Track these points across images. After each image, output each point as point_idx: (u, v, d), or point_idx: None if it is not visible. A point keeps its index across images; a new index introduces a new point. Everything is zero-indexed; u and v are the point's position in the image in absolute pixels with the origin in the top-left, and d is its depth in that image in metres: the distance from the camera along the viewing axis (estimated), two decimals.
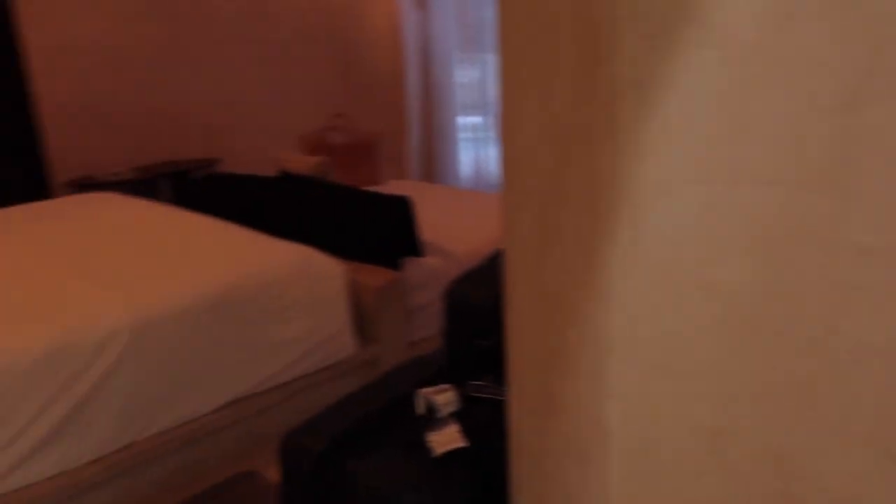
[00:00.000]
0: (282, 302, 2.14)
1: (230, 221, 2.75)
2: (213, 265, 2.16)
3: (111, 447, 1.84)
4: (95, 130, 4.20)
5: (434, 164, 5.09)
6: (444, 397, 1.11)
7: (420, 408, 1.13)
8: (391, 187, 3.51)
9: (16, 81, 3.92)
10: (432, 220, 2.90)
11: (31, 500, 1.69)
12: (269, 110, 4.85)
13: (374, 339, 2.40)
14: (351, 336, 2.33)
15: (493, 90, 4.77)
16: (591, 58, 0.73)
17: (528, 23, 0.82)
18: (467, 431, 1.12)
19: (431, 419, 1.11)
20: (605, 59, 0.71)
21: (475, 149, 4.99)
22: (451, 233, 2.81)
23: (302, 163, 2.94)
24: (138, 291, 1.97)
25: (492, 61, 4.71)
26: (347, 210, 2.58)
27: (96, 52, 4.15)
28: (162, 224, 2.64)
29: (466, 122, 5.00)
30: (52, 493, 1.73)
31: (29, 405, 1.70)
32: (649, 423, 0.78)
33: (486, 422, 1.12)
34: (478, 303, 1.26)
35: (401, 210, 2.47)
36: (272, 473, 2.02)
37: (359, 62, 5.18)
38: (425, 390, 1.12)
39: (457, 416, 1.13)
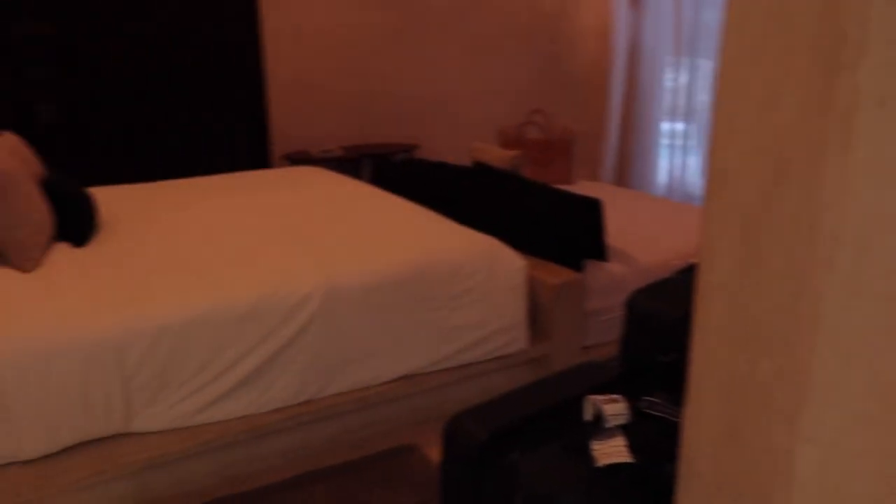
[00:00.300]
0: (463, 288, 2.19)
1: (423, 205, 2.87)
2: (403, 245, 2.27)
3: (292, 401, 2.00)
4: (313, 110, 4.56)
5: (629, 168, 4.94)
6: (613, 407, 1.07)
7: (588, 414, 1.10)
8: (582, 188, 3.46)
9: (253, 61, 4.36)
10: (620, 225, 2.82)
11: (220, 434, 1.89)
12: (470, 102, 4.97)
13: (547, 338, 2.39)
14: (525, 331, 2.33)
15: (701, 97, 4.51)
16: (831, 65, 0.66)
17: (759, 23, 0.75)
18: (634, 447, 1.08)
19: (598, 428, 1.08)
20: (848, 67, 0.64)
21: (674, 156, 4.77)
22: (638, 240, 2.71)
23: (496, 155, 2.99)
24: (333, 261, 2.11)
25: (703, 66, 4.46)
26: (536, 206, 2.58)
27: (322, 36, 4.49)
28: (361, 200, 2.81)
29: (668, 127, 4.79)
30: (239, 432, 1.92)
31: (230, 352, 1.89)
32: (850, 477, 0.69)
33: (655, 441, 1.07)
34: (662, 316, 1.20)
35: (590, 212, 2.42)
36: (433, 452, 2.08)
37: (563, 59, 5.15)
38: (595, 397, 1.09)
39: (624, 430, 1.09)
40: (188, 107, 4.36)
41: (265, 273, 2.03)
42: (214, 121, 4.45)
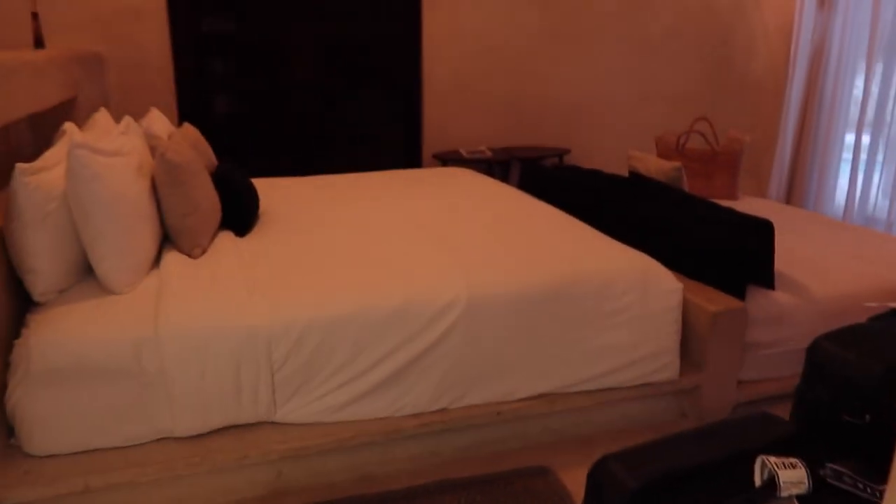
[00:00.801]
0: (613, 308, 2.07)
1: (573, 214, 2.76)
2: (551, 256, 2.18)
3: (427, 407, 1.98)
4: (465, 111, 4.56)
5: (801, 184, 4.52)
6: (791, 474, 0.92)
7: (758, 477, 0.97)
8: (749, 205, 3.18)
9: (411, 61, 4.44)
10: (790, 250, 2.56)
11: (356, 433, 1.90)
12: (629, 107, 4.77)
13: (699, 369, 2.21)
14: (676, 358, 2.17)
15: (893, 107, 4.02)
16: None
17: None
18: None
19: (769, 495, 0.94)
20: None
21: (855, 173, 4.29)
22: (811, 269, 2.44)
23: (654, 165, 2.81)
24: (479, 269, 2.07)
25: None
26: (697, 224, 2.39)
27: (478, 38, 4.47)
28: (510, 206, 2.75)
29: (851, 140, 4.32)
30: (374, 432, 1.92)
31: (372, 353, 1.90)
32: None
33: None
34: (855, 369, 1.03)
35: (760, 234, 2.20)
36: (566, 476, 1.99)
37: (735, 63, 4.80)
38: (769, 458, 0.95)
39: (801, 501, 0.95)
40: (348, 103, 4.51)
41: (411, 277, 2.02)
42: (372, 117, 4.58)
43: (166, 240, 2.21)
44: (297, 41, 4.26)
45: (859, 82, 4.23)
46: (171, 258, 2.09)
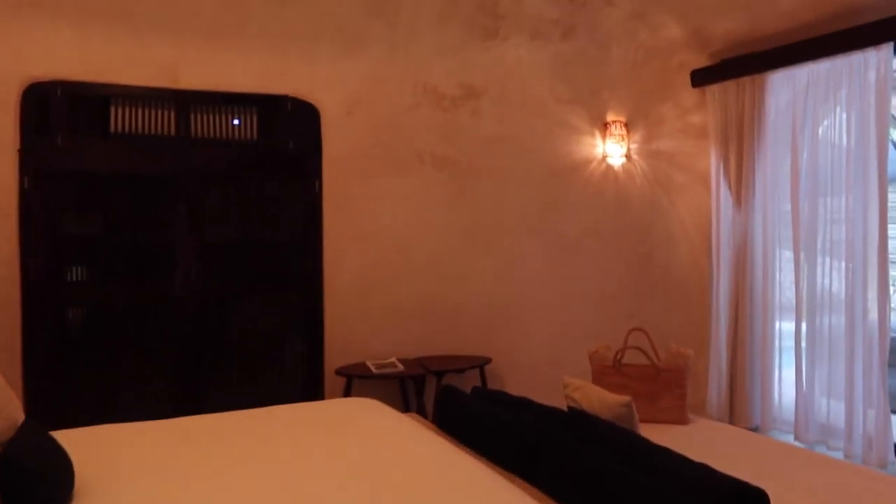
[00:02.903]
0: None
1: (498, 462, 2.18)
2: None
3: None
4: (372, 318, 4.06)
5: (741, 391, 4.12)
6: None
7: None
8: (704, 434, 2.69)
9: (312, 268, 3.96)
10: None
11: None
12: (551, 309, 4.39)
13: None
14: None
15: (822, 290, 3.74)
16: None
17: None
18: None
19: None
20: None
21: (799, 374, 3.89)
22: None
23: (597, 398, 2.30)
24: None
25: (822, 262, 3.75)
26: (664, 488, 1.83)
27: (385, 239, 4.10)
28: (416, 464, 2.12)
29: (788, 332, 3.97)
30: None
31: None
32: None
33: None
34: None
35: None
36: None
37: (656, 260, 4.57)
38: None
39: None
40: (239, 314, 3.93)
41: None
42: (267, 329, 3.99)
43: None
44: (179, 244, 3.73)
45: (788, 276, 4.01)
46: None
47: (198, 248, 3.75)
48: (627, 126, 4.44)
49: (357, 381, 3.81)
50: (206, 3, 3.51)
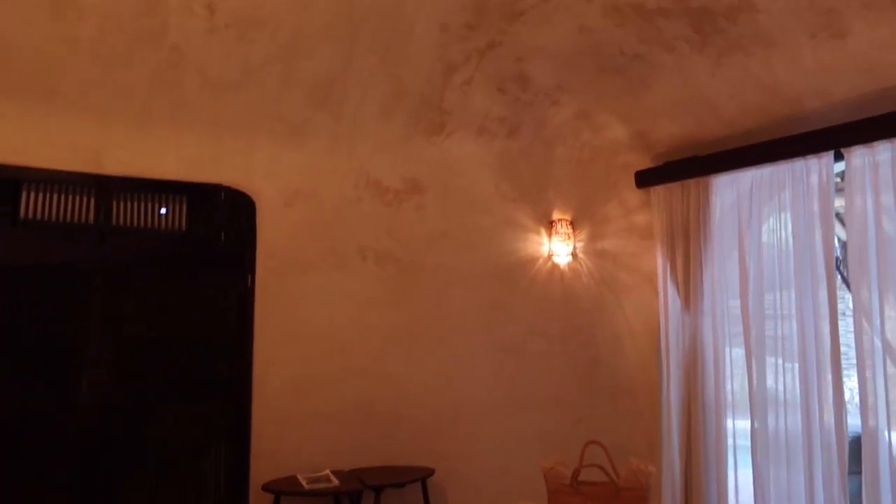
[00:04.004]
0: None
1: None
2: None
3: None
4: (305, 425, 3.70)
5: (699, 502, 3.91)
6: None
7: None
8: None
9: (240, 369, 3.62)
10: None
11: None
12: (498, 415, 4.13)
13: None
14: None
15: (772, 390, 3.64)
16: None
17: None
18: None
19: None
20: None
21: (759, 481, 3.71)
22: None
23: None
24: None
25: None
26: None
27: (322, 338, 3.81)
28: None
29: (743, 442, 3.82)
30: None
31: None
32: None
33: None
34: None
35: None
36: None
37: (603, 363, 4.42)
38: None
39: None
40: (154, 420, 3.51)
41: None
42: (186, 438, 3.56)
43: None
44: (91, 344, 3.34)
45: (741, 376, 3.90)
46: None
47: (112, 347, 3.38)
48: (573, 224, 4.39)
49: (286, 498, 3.41)
50: (139, 85, 3.29)
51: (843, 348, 3.43)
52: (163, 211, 3.58)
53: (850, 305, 3.42)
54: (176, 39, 3.16)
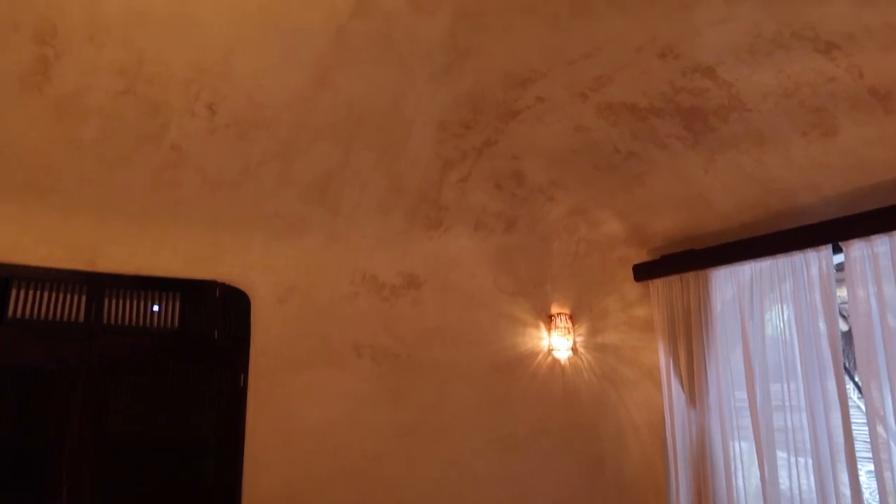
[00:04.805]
0: None
1: None
2: None
3: None
4: None
5: None
6: None
7: None
8: None
9: (230, 473, 3.45)
10: None
11: None
12: None
13: None
14: None
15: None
16: None
17: None
18: None
19: None
20: None
21: None
22: None
23: None
24: None
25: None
26: None
27: (317, 439, 3.67)
28: None
29: None
30: None
31: None
32: None
33: None
34: None
35: None
36: None
37: (606, 460, 4.26)
38: None
39: None
40: None
41: None
42: None
43: None
44: (73, 451, 3.19)
45: (752, 471, 3.75)
46: None
47: (96, 450, 3.22)
48: (572, 318, 4.33)
49: None
50: (138, 183, 3.29)
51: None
52: (155, 308, 3.52)
53: (859, 397, 3.35)
54: (177, 139, 3.19)
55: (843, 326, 4.20)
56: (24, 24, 2.62)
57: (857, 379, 3.80)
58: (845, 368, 4.25)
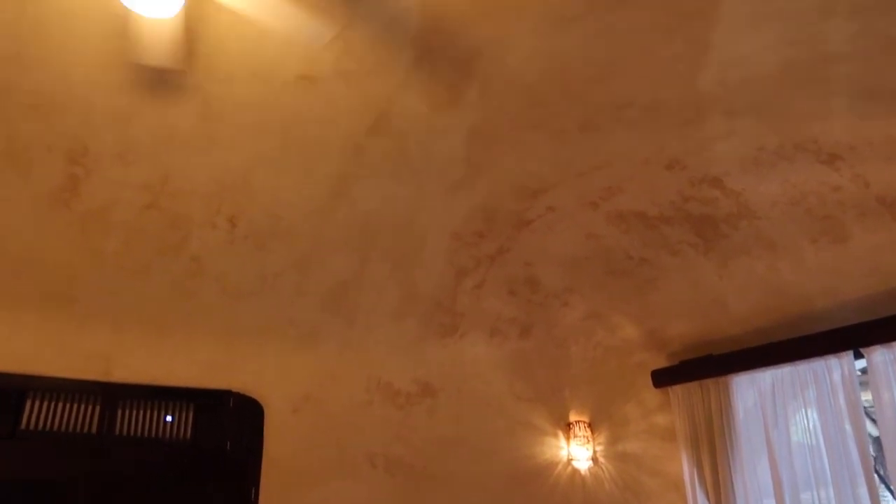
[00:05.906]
0: None
1: None
2: None
3: None
4: None
5: None
6: None
7: None
8: None
9: None
10: None
11: None
12: None
13: None
14: None
15: None
16: None
17: None
18: None
19: None
20: None
21: None
22: None
23: None
24: None
25: None
26: None
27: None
28: None
29: None
30: None
31: None
32: None
33: None
34: None
35: None
36: None
37: None
38: None
39: None
40: None
41: None
42: None
43: None
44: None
45: None
46: None
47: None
48: (591, 426, 4.23)
49: None
50: (157, 293, 3.35)
51: None
52: (168, 419, 3.48)
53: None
54: (196, 250, 3.27)
55: (874, 431, 4.07)
56: (58, 146, 2.75)
57: (891, 485, 3.64)
58: (878, 474, 4.08)
